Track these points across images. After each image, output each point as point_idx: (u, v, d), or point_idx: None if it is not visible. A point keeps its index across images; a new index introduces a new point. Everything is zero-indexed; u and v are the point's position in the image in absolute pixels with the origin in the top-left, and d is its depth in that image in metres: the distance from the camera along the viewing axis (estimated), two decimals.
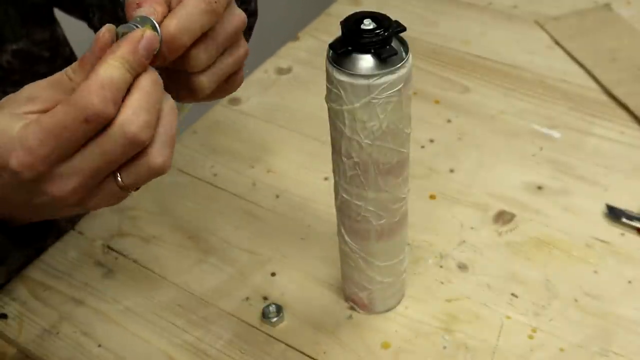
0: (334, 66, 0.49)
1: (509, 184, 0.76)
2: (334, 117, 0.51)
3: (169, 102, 0.41)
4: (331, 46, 0.49)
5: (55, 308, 0.67)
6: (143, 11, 0.41)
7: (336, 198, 0.58)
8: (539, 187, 0.76)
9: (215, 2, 0.43)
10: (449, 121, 0.85)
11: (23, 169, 0.38)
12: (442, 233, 0.71)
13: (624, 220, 0.70)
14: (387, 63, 0.48)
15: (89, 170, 0.39)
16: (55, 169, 0.39)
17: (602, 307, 0.64)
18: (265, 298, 0.67)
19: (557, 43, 0.96)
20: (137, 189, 0.42)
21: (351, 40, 0.48)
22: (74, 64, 0.40)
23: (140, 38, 0.39)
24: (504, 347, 0.61)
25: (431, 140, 0.82)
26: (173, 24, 0.41)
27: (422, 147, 0.81)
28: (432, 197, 0.75)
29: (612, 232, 0.70)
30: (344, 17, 0.49)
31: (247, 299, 0.67)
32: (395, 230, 0.58)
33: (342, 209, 0.57)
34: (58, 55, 0.71)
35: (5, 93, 0.66)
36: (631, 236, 0.70)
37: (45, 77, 0.69)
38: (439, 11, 1.04)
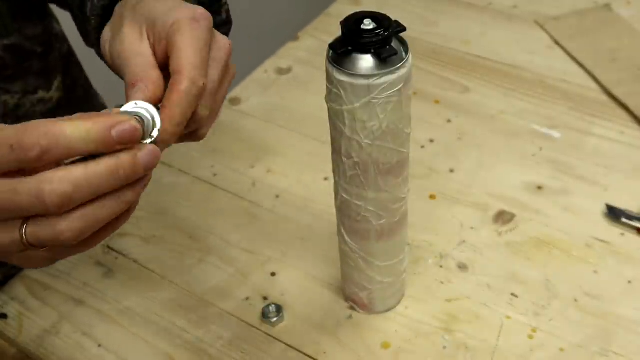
0: (334, 66, 0.49)
1: (509, 184, 0.76)
2: (334, 117, 0.51)
3: (119, 200, 0.39)
4: (331, 46, 0.49)
5: (55, 308, 0.67)
6: (139, 93, 0.41)
7: (336, 198, 0.58)
8: (539, 187, 0.76)
9: (204, 81, 0.43)
10: (449, 121, 0.85)
11: None
12: (442, 233, 0.71)
13: (624, 220, 0.70)
14: (387, 63, 0.48)
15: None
16: None
17: (602, 307, 0.64)
18: (265, 298, 0.67)
19: (557, 43, 0.96)
20: (41, 247, 0.39)
21: (351, 40, 0.48)
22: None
23: (116, 124, 0.37)
24: (504, 347, 0.61)
25: (431, 140, 0.82)
26: (169, 132, 0.42)
27: (422, 147, 0.81)
28: (432, 197, 0.75)
29: (612, 232, 0.70)
30: (344, 17, 0.49)
31: (247, 299, 0.67)
32: (395, 230, 0.58)
33: (342, 209, 0.57)
34: (52, 51, 0.71)
35: (0, 89, 0.66)
36: (631, 236, 0.70)
37: (39, 73, 0.69)
38: (439, 11, 1.04)
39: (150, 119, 0.41)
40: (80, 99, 0.81)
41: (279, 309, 0.64)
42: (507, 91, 0.89)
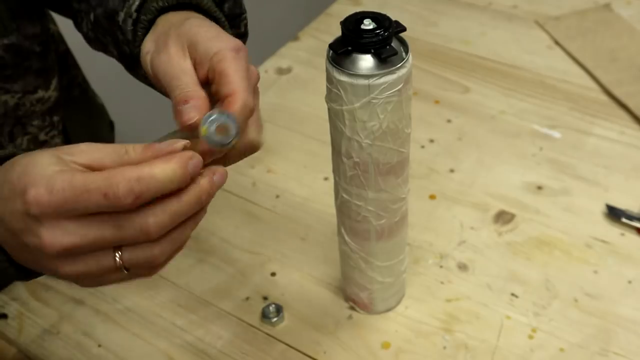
0: (334, 66, 0.49)
1: (509, 184, 0.76)
2: (334, 117, 0.51)
3: (198, 219, 0.45)
4: (331, 46, 0.49)
5: (55, 308, 0.67)
6: (193, 111, 0.44)
7: (336, 198, 0.58)
8: (539, 187, 0.76)
9: (253, 104, 0.46)
10: (449, 121, 0.85)
11: (34, 203, 0.39)
12: (442, 233, 0.71)
13: (624, 220, 0.70)
14: (387, 63, 0.48)
15: (91, 237, 0.40)
16: (59, 221, 0.40)
17: (602, 307, 0.64)
18: (265, 298, 0.67)
19: (557, 43, 0.96)
20: (127, 270, 0.43)
21: (351, 41, 0.48)
22: (140, 145, 0.41)
23: (191, 157, 0.40)
24: (504, 347, 0.61)
25: (431, 140, 0.82)
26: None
27: (422, 147, 0.81)
28: (432, 197, 0.75)
29: (612, 232, 0.70)
30: (344, 17, 0.49)
31: (247, 299, 0.67)
32: (395, 231, 0.58)
33: (342, 209, 0.57)
34: (50, 51, 0.72)
35: (1, 89, 0.66)
36: (631, 236, 0.70)
37: (38, 72, 0.70)
38: (439, 11, 1.04)
39: (234, 125, 0.43)
40: (77, 98, 0.81)
41: (279, 309, 0.64)
42: (507, 91, 0.89)
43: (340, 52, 0.48)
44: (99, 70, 0.92)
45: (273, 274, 0.69)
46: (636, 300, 0.64)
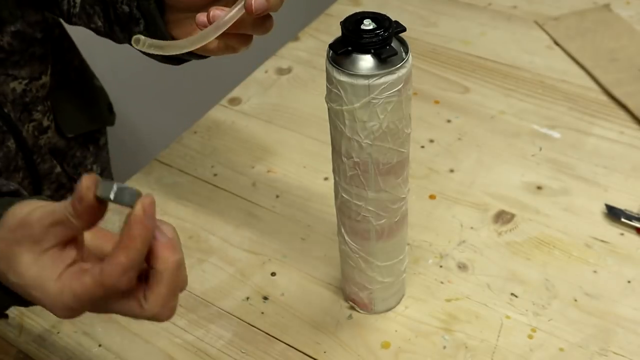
0: (334, 66, 0.49)
1: (508, 184, 0.76)
2: (334, 117, 0.52)
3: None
4: (331, 46, 0.49)
5: None
6: None
7: (336, 198, 0.58)
8: (539, 187, 0.76)
9: None
10: (449, 121, 0.85)
11: (65, 317, 0.45)
12: (442, 233, 0.71)
13: (624, 220, 0.71)
14: (387, 63, 0.48)
15: (105, 309, 0.46)
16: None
17: (601, 306, 0.64)
18: (265, 298, 0.67)
19: (556, 43, 0.96)
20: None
21: (351, 41, 0.48)
22: (71, 210, 0.42)
23: (143, 215, 0.41)
24: (504, 347, 0.61)
25: (431, 140, 0.82)
26: None
27: (422, 147, 0.82)
28: (432, 197, 0.75)
29: (612, 232, 0.70)
30: (344, 17, 0.49)
31: (247, 299, 0.67)
32: (395, 231, 0.58)
33: (342, 209, 0.57)
34: (50, 37, 0.73)
35: (9, 75, 0.68)
36: (631, 236, 0.70)
37: (41, 58, 0.71)
38: (439, 11, 1.04)
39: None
40: (74, 82, 0.82)
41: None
42: (507, 91, 0.89)
43: (340, 53, 0.48)
44: (98, 53, 0.91)
45: (273, 274, 0.69)
46: (636, 300, 0.64)
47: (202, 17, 0.52)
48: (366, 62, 0.48)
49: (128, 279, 0.41)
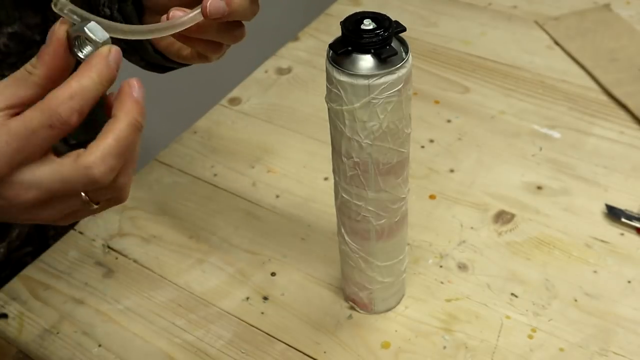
0: (334, 66, 0.49)
1: (509, 184, 0.76)
2: (334, 117, 0.52)
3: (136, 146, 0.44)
4: (331, 46, 0.49)
5: (55, 308, 0.67)
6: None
7: (336, 198, 0.58)
8: (539, 187, 0.76)
9: None
10: (449, 121, 0.85)
11: None
12: (442, 233, 0.71)
13: (624, 220, 0.71)
14: (387, 63, 0.48)
15: (49, 190, 0.41)
16: (17, 175, 0.40)
17: (601, 307, 0.64)
18: (265, 298, 0.67)
19: (557, 43, 0.96)
20: (96, 204, 0.44)
21: (351, 41, 0.48)
22: (33, 59, 0.42)
23: (108, 53, 0.41)
24: (504, 347, 0.61)
25: (431, 140, 0.82)
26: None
27: (422, 147, 0.82)
28: (432, 197, 0.75)
29: (612, 232, 0.70)
30: (344, 17, 0.49)
31: (247, 299, 0.67)
32: (395, 231, 0.58)
33: (342, 209, 0.57)
34: None
35: (3, 76, 0.67)
36: (631, 236, 0.70)
37: None
38: (439, 11, 1.04)
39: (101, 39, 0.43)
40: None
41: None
42: (507, 91, 0.89)
43: (340, 52, 0.48)
44: None
45: (273, 274, 0.69)
46: (636, 300, 0.64)
47: (164, 17, 0.50)
48: (366, 62, 0.48)
49: (70, 108, 0.39)
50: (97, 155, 0.40)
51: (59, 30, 0.41)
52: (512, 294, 0.65)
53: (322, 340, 0.63)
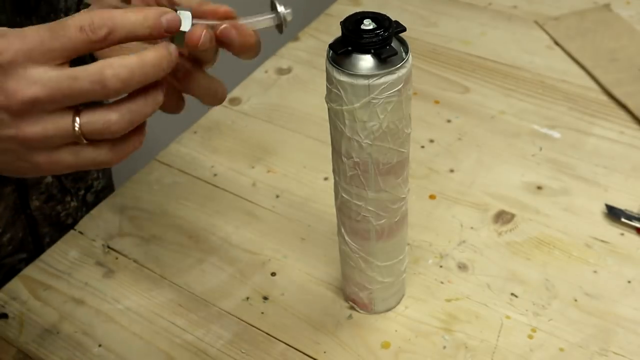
0: (334, 66, 0.49)
1: (509, 184, 0.76)
2: (334, 117, 0.52)
3: (156, 96, 0.45)
4: (331, 46, 0.49)
5: (55, 308, 0.67)
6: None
7: (336, 198, 0.58)
8: (539, 187, 0.76)
9: None
10: (449, 121, 0.85)
11: (3, 50, 0.40)
12: (442, 233, 0.71)
13: (624, 220, 0.71)
14: (387, 63, 0.48)
15: (53, 86, 0.41)
16: (26, 68, 0.41)
17: (601, 307, 0.64)
18: (265, 298, 0.67)
19: (556, 43, 0.96)
20: (86, 139, 0.44)
21: (351, 41, 0.48)
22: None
23: (165, 13, 0.43)
24: (504, 347, 0.61)
25: (431, 140, 0.82)
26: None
27: (422, 147, 0.82)
28: (432, 197, 0.75)
29: (612, 232, 0.70)
30: (344, 17, 0.49)
31: (247, 299, 0.67)
32: (395, 231, 0.58)
33: (342, 209, 0.57)
34: None
35: None
36: (631, 236, 0.70)
37: None
38: (439, 11, 1.04)
39: (283, 13, 0.49)
40: None
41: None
42: (507, 91, 0.89)
43: (340, 53, 0.48)
44: None
45: (273, 274, 0.69)
46: (636, 300, 0.64)
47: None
48: (366, 62, 0.48)
49: (107, 32, 0.41)
50: (115, 60, 0.41)
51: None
52: (512, 294, 0.65)
53: (322, 340, 0.63)
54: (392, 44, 0.49)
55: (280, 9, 0.48)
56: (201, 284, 0.68)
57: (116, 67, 0.41)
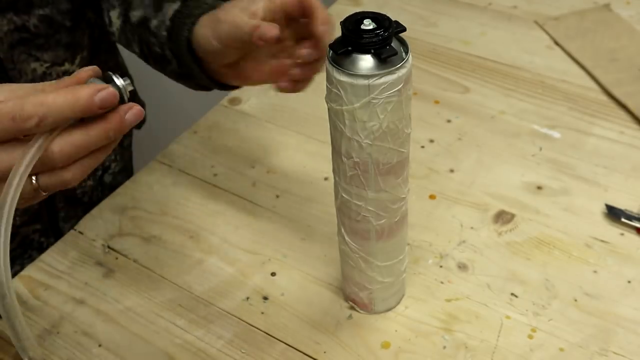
0: (334, 66, 0.49)
1: (509, 184, 0.76)
2: (334, 117, 0.51)
3: (108, 151, 0.47)
4: (331, 46, 0.49)
5: (55, 308, 0.67)
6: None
7: (336, 198, 0.58)
8: (539, 187, 0.76)
9: None
10: (449, 121, 0.85)
11: None
12: (442, 233, 0.71)
13: (624, 220, 0.71)
14: (387, 63, 0.48)
15: (4, 163, 0.44)
16: None
17: (601, 307, 0.64)
18: (265, 298, 0.67)
19: (556, 43, 0.96)
20: (49, 192, 0.46)
21: (351, 41, 0.48)
22: (56, 81, 0.46)
23: (97, 91, 0.43)
24: (504, 347, 0.61)
25: (431, 140, 0.82)
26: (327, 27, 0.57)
27: (422, 147, 0.82)
28: (432, 197, 0.75)
29: (612, 232, 0.70)
30: (344, 17, 0.49)
31: (247, 299, 0.67)
32: (395, 231, 0.58)
33: (342, 209, 0.57)
34: (79, 28, 0.75)
35: (31, 55, 0.69)
36: (631, 236, 0.70)
37: (67, 46, 0.75)
38: (439, 11, 1.04)
39: (122, 85, 0.46)
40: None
41: None
42: (507, 91, 0.89)
43: (340, 53, 0.48)
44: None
45: (273, 274, 0.69)
46: (636, 300, 0.64)
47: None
48: (366, 62, 0.48)
49: (35, 111, 0.42)
50: (62, 138, 0.44)
51: (84, 74, 0.46)
52: (512, 294, 0.65)
53: (322, 340, 0.63)
54: (392, 44, 0.49)
55: (119, 82, 0.45)
56: (201, 284, 0.68)
57: (62, 143, 0.44)
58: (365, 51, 0.48)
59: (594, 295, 0.65)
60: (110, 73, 0.46)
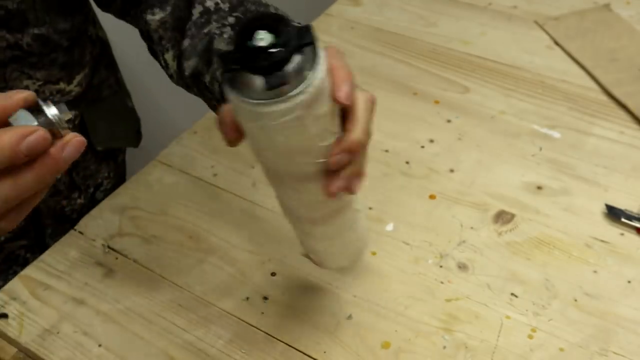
0: (225, 82, 0.41)
1: (508, 184, 0.76)
2: (245, 127, 0.45)
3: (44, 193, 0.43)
4: (221, 57, 0.40)
5: (55, 308, 0.67)
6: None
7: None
8: (539, 187, 0.76)
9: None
10: (449, 121, 0.85)
11: None
12: (442, 233, 0.71)
13: (624, 220, 0.71)
14: (281, 87, 0.39)
15: None
16: None
17: (601, 307, 0.64)
18: (265, 298, 0.67)
19: (556, 43, 0.96)
20: None
21: (239, 57, 0.39)
22: None
23: (24, 137, 0.38)
24: (504, 347, 0.61)
25: (431, 140, 0.82)
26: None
27: (422, 147, 0.81)
28: (432, 197, 0.75)
29: (612, 232, 0.70)
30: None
31: (247, 299, 0.67)
32: (333, 218, 0.53)
33: (282, 207, 0.55)
34: (77, 47, 0.74)
35: (23, 73, 0.69)
36: (631, 236, 0.70)
37: (63, 65, 0.72)
38: (439, 11, 1.04)
39: (55, 116, 0.40)
40: (106, 98, 0.83)
41: None
42: (507, 91, 0.89)
43: (227, 71, 0.40)
44: (137, 74, 0.93)
45: (273, 274, 0.69)
46: (636, 300, 0.64)
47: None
48: (256, 84, 0.39)
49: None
50: None
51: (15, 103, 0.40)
52: (512, 294, 0.65)
53: (322, 340, 0.63)
54: (296, 61, 0.40)
55: (51, 111, 0.39)
56: (201, 284, 0.68)
57: None
58: (255, 70, 0.39)
59: (594, 295, 0.65)
60: (41, 102, 0.39)
